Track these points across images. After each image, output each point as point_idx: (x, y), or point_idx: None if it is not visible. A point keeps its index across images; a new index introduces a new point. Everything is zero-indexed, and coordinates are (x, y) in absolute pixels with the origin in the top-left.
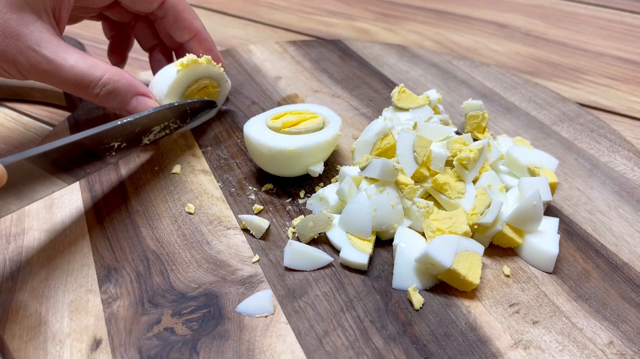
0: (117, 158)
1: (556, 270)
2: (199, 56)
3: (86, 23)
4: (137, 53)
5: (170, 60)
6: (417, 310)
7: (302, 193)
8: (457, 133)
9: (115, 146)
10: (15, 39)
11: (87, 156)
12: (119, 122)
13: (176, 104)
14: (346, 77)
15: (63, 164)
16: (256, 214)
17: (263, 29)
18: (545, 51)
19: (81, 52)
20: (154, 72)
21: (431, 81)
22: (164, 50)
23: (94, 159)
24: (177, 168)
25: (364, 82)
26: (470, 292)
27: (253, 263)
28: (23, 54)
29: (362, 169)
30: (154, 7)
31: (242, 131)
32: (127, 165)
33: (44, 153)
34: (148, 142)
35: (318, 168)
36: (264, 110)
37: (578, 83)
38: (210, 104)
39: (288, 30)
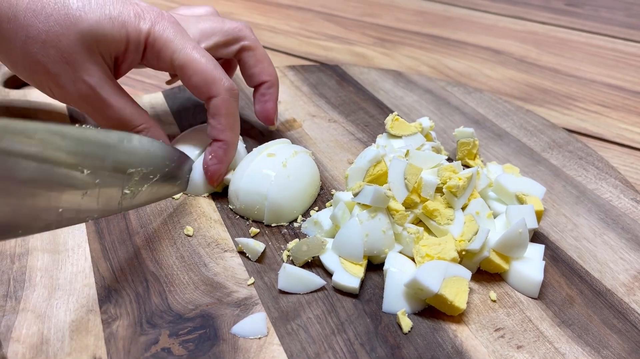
0: None
1: (541, 295)
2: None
3: None
4: (141, 75)
5: None
6: (406, 334)
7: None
8: (449, 159)
9: None
10: (74, 68)
11: None
12: None
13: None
14: (343, 102)
15: None
16: (252, 237)
17: None
18: (537, 77)
19: (131, 98)
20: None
21: (425, 107)
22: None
23: None
24: None
25: (360, 107)
26: (458, 316)
27: (248, 285)
28: (75, 84)
29: (355, 195)
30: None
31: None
32: None
33: None
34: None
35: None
36: (262, 135)
37: (569, 109)
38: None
39: (288, 54)
